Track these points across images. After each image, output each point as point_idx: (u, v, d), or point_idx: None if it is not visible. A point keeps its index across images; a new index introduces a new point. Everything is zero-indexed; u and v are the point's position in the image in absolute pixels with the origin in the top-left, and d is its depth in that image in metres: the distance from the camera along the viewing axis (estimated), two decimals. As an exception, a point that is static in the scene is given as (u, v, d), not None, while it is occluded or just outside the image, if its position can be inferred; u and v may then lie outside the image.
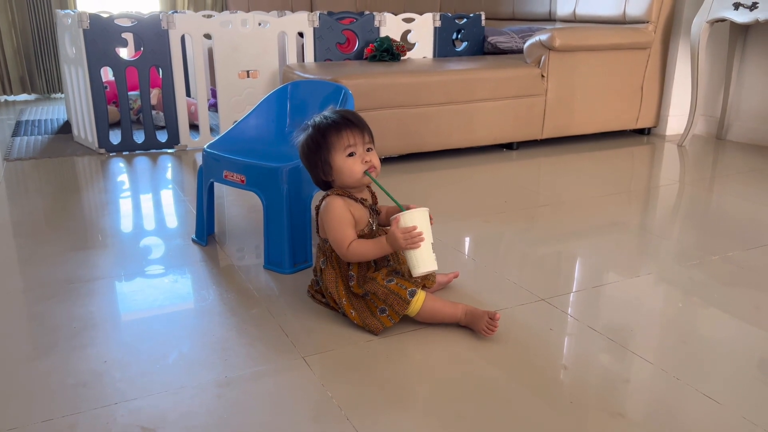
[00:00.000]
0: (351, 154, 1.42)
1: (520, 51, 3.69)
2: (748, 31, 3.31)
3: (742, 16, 2.93)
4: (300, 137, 1.48)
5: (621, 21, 3.43)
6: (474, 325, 1.40)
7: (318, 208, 1.49)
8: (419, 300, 1.41)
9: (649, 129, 3.64)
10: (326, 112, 1.47)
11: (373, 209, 1.52)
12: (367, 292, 1.42)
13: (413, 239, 1.35)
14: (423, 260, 1.37)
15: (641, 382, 1.25)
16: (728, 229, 2.11)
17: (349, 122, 1.42)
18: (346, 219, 1.42)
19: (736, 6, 2.94)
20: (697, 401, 1.18)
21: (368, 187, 1.54)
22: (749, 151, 3.21)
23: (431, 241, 1.39)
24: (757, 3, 2.85)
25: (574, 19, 3.71)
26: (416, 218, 1.37)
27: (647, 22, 3.32)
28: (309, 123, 1.47)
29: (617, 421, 1.12)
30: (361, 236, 1.44)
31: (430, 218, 1.41)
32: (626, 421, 1.12)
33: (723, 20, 3.05)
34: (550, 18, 3.90)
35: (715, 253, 1.89)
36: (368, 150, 1.44)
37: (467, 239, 2.02)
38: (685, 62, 3.45)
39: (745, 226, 2.13)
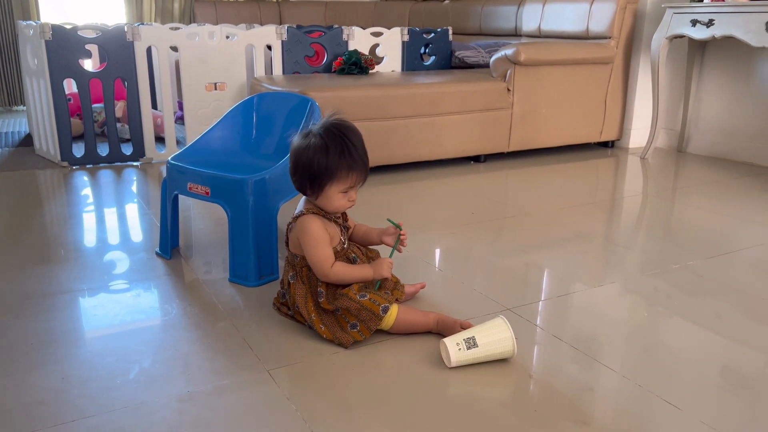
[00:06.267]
0: (345, 191, 1.41)
1: (486, 65, 3.73)
2: (706, 47, 3.41)
3: (699, 33, 3.01)
4: (308, 142, 1.39)
5: (584, 36, 3.51)
6: (446, 333, 1.41)
7: (289, 224, 1.48)
8: (392, 315, 1.41)
9: (613, 142, 3.71)
10: (350, 136, 1.40)
11: (345, 227, 1.52)
12: (338, 308, 1.41)
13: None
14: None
15: (605, 390, 1.26)
16: (689, 238, 2.16)
17: (364, 165, 1.41)
18: (325, 238, 1.41)
19: (694, 23, 3.03)
20: (659, 408, 1.20)
21: None
22: (708, 164, 3.29)
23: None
24: (713, 20, 2.94)
25: (539, 35, 3.78)
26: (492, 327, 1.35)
27: (609, 38, 3.40)
28: (325, 135, 1.39)
29: (582, 429, 1.13)
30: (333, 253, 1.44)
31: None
32: (590, 429, 1.13)
33: (681, 36, 3.14)
34: (515, 33, 3.96)
35: (677, 263, 1.93)
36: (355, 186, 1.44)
37: (435, 250, 2.03)
38: (647, 77, 3.54)
39: (705, 236, 2.18)
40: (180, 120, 3.87)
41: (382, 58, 3.73)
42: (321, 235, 1.41)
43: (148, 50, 3.18)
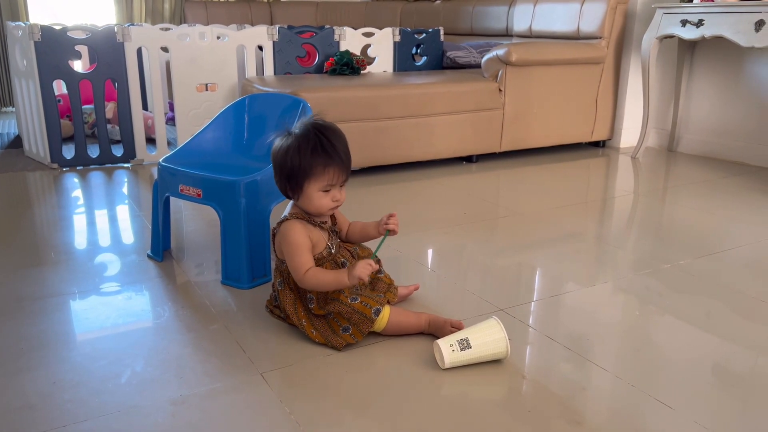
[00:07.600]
0: (326, 190, 1.40)
1: (478, 65, 3.74)
2: (696, 47, 3.43)
3: (689, 33, 3.03)
4: (284, 143, 1.38)
5: (575, 36, 3.52)
6: (438, 333, 1.41)
7: (274, 230, 1.47)
8: (384, 317, 1.40)
9: (604, 142, 3.73)
10: (326, 133, 1.37)
11: (333, 231, 1.51)
12: (329, 312, 1.40)
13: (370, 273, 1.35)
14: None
15: (598, 390, 1.26)
16: (680, 238, 2.17)
17: (341, 160, 1.37)
18: (304, 245, 1.40)
19: (684, 23, 3.04)
20: (652, 407, 1.20)
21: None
22: (698, 163, 3.31)
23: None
24: (703, 20, 2.96)
25: (530, 35, 3.78)
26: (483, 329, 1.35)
27: (600, 38, 3.41)
28: (299, 134, 1.37)
29: (575, 429, 1.13)
30: (319, 259, 1.43)
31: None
32: (583, 429, 1.13)
33: (672, 36, 3.16)
34: (507, 33, 3.97)
35: (668, 262, 1.93)
36: (341, 185, 1.42)
37: (428, 251, 2.03)
38: (637, 77, 3.55)
39: (696, 235, 2.19)
40: (171, 121, 3.85)
41: (374, 58, 3.73)
42: (300, 241, 1.39)
43: (139, 51, 3.16)
